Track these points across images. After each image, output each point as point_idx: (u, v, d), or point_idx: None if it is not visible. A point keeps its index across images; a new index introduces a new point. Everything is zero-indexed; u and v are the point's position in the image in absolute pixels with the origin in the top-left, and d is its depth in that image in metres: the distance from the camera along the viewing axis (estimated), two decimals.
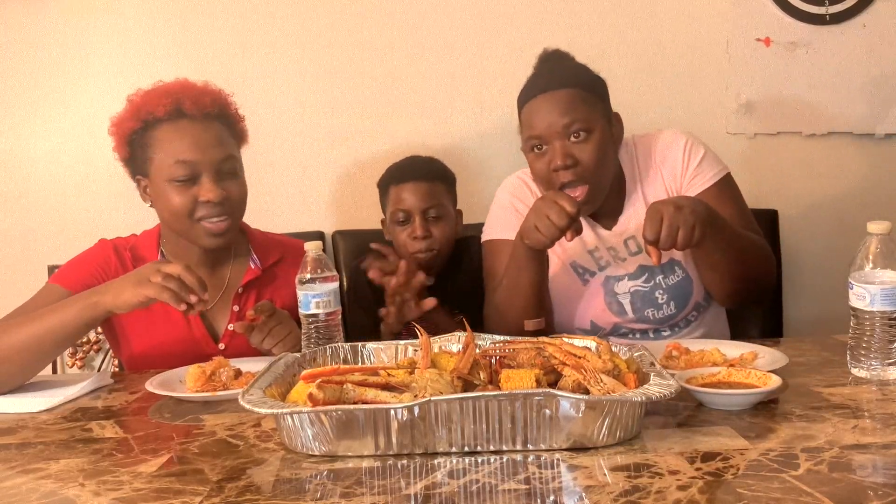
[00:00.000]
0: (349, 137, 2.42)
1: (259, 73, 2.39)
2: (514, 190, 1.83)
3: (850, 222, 2.37)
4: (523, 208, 1.74)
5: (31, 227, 2.43)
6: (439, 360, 1.18)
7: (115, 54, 2.39)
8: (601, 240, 1.76)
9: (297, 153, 2.43)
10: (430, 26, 2.40)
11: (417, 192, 1.95)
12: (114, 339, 1.76)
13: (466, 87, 2.41)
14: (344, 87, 2.41)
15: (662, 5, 2.40)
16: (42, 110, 2.41)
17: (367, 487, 0.96)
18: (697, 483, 0.91)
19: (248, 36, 2.39)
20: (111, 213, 2.36)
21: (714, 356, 1.41)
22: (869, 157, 2.44)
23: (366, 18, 2.40)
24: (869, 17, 2.38)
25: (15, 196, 2.43)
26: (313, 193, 2.44)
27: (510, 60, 2.38)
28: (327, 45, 2.40)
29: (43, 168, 2.42)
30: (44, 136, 2.42)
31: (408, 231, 1.94)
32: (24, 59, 2.39)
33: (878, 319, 1.28)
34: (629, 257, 1.74)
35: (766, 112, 2.41)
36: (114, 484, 1.02)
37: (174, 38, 2.39)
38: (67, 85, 2.40)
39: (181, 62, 2.36)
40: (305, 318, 1.47)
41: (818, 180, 2.45)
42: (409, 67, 2.41)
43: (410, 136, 2.38)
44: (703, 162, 1.73)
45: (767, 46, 2.39)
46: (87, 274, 1.67)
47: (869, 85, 2.40)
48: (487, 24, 2.40)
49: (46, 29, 2.39)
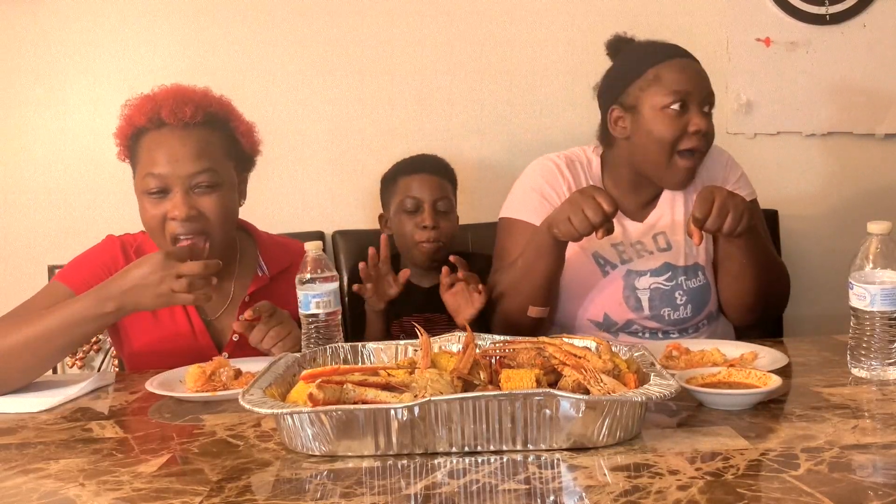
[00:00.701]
0: (349, 137, 2.43)
1: (259, 73, 2.40)
2: (545, 174, 1.79)
3: (850, 222, 2.37)
4: (551, 193, 1.75)
5: (32, 226, 2.43)
6: (439, 360, 1.18)
7: (117, 54, 2.39)
8: (627, 233, 1.76)
9: (298, 153, 2.43)
10: (431, 27, 2.40)
11: (429, 184, 1.95)
12: (116, 336, 1.75)
13: (466, 86, 2.41)
14: (344, 87, 2.41)
15: (662, 5, 2.40)
16: (44, 109, 2.41)
17: (367, 487, 0.96)
18: (697, 483, 0.91)
19: (247, 35, 2.39)
20: (112, 213, 2.36)
21: (714, 356, 1.41)
22: (869, 157, 2.44)
23: (366, 18, 2.40)
24: (869, 17, 2.38)
25: (15, 195, 2.43)
26: (313, 193, 2.44)
27: (511, 60, 2.39)
28: (328, 45, 2.40)
29: (44, 168, 2.42)
30: (45, 135, 2.41)
31: (416, 220, 1.93)
32: (26, 59, 2.39)
33: (878, 319, 1.28)
34: (656, 252, 1.75)
35: (766, 112, 2.41)
36: (114, 484, 1.02)
37: (175, 37, 2.39)
38: (69, 84, 2.40)
39: (182, 61, 2.37)
40: (305, 318, 1.47)
41: (818, 180, 2.45)
42: (410, 68, 2.41)
43: (410, 137, 2.38)
44: (741, 180, 1.81)
45: (767, 46, 2.39)
46: (92, 273, 1.63)
47: (869, 85, 2.40)
48: (487, 23, 2.40)
49: (48, 28, 2.39)
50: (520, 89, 2.41)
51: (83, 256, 1.71)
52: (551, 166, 1.79)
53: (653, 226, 1.77)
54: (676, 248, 1.75)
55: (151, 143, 1.60)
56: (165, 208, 1.57)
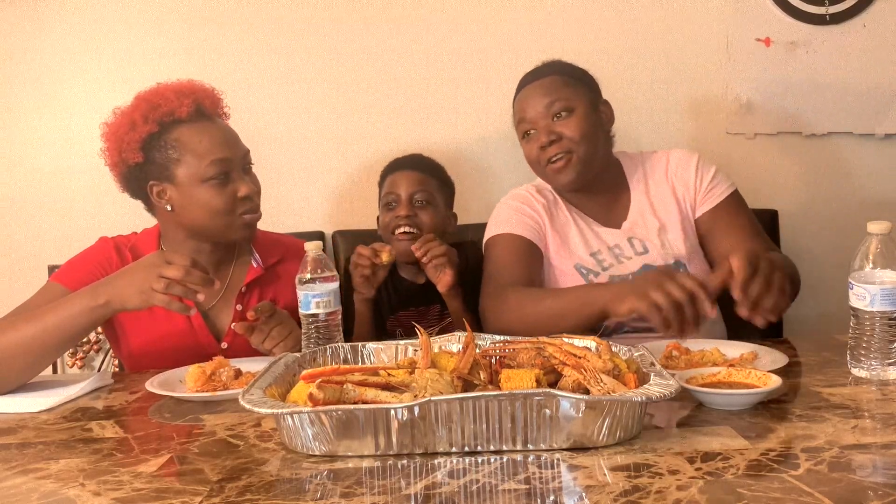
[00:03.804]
0: (350, 138, 2.42)
1: (261, 75, 2.39)
2: (518, 197, 1.88)
3: (850, 222, 2.37)
4: (530, 212, 1.83)
5: (32, 227, 2.43)
6: (439, 360, 1.18)
7: (119, 58, 2.39)
8: (603, 240, 1.81)
9: (298, 153, 2.43)
10: (433, 31, 2.40)
11: (407, 178, 1.96)
12: (113, 336, 1.76)
13: (469, 91, 2.41)
14: (346, 89, 2.41)
15: (662, 6, 2.40)
16: (45, 112, 2.41)
17: (367, 487, 0.96)
18: (697, 483, 0.91)
19: (251, 39, 2.39)
20: (111, 214, 2.35)
21: (714, 356, 1.41)
22: (869, 157, 2.44)
23: (368, 21, 2.40)
24: (869, 17, 2.38)
25: (15, 196, 2.43)
26: (314, 194, 2.44)
27: (512, 65, 2.37)
28: (330, 48, 2.40)
29: (44, 169, 2.42)
30: (46, 137, 2.41)
31: (393, 213, 1.94)
32: (27, 62, 2.39)
33: (878, 319, 1.28)
34: (634, 256, 1.78)
35: (766, 112, 2.41)
36: (114, 484, 1.02)
37: (178, 41, 2.39)
38: (70, 88, 2.40)
39: (185, 66, 2.35)
40: (305, 318, 1.47)
41: (818, 180, 2.45)
42: (412, 70, 2.40)
43: (412, 138, 2.38)
44: (716, 177, 1.83)
45: (767, 46, 2.39)
46: (88, 273, 1.66)
47: (869, 85, 2.40)
48: (490, 29, 2.40)
49: (50, 33, 2.39)
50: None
51: (78, 257, 1.74)
52: (524, 193, 1.88)
53: (629, 231, 1.81)
54: (653, 249, 1.78)
55: (199, 134, 1.65)
56: (231, 191, 1.65)
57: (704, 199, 1.82)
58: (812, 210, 2.45)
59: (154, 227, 1.78)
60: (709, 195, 1.82)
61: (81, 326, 1.48)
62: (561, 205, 1.86)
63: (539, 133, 1.76)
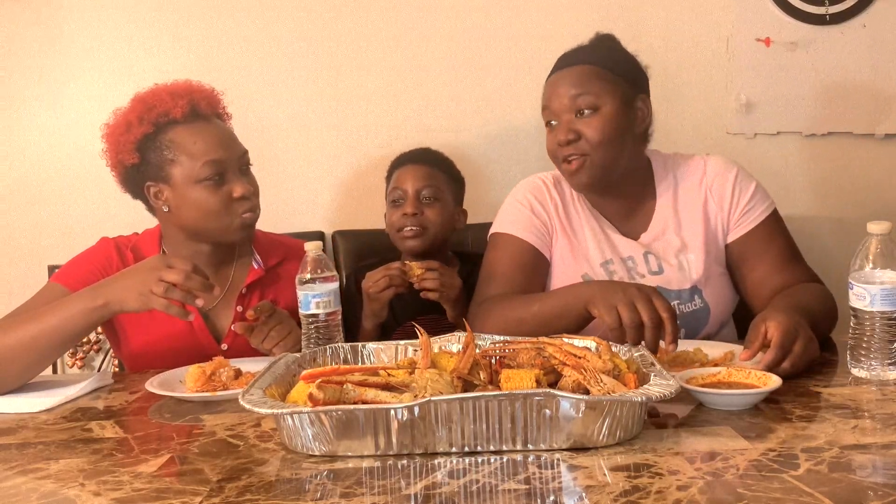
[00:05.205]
0: (351, 137, 2.42)
1: (261, 72, 2.39)
2: (534, 190, 1.77)
3: (850, 222, 2.37)
4: (539, 209, 1.74)
5: (32, 226, 2.42)
6: (439, 360, 1.18)
7: (120, 53, 2.38)
8: (617, 250, 1.71)
9: (298, 153, 2.42)
10: (436, 26, 2.39)
11: (414, 172, 1.94)
12: (113, 336, 1.76)
13: (472, 86, 2.40)
14: (347, 87, 2.41)
15: (663, 5, 2.40)
16: (45, 109, 2.40)
17: (367, 487, 0.96)
18: (697, 483, 0.91)
19: (250, 33, 2.39)
20: (112, 213, 2.35)
21: (699, 356, 1.40)
22: (869, 157, 2.44)
23: (370, 16, 2.39)
24: (869, 17, 2.38)
25: (16, 195, 2.43)
26: (314, 193, 2.44)
27: (516, 59, 2.38)
28: (331, 44, 2.40)
29: (45, 167, 2.42)
30: (46, 135, 2.41)
31: (400, 210, 1.93)
32: (27, 57, 2.39)
33: (878, 319, 1.28)
34: (647, 275, 1.67)
35: (766, 112, 2.41)
36: (114, 484, 1.02)
37: (177, 34, 2.38)
38: (71, 83, 2.40)
39: (184, 59, 2.36)
40: (305, 318, 1.47)
41: (818, 180, 2.45)
42: (414, 67, 2.40)
43: (414, 137, 2.38)
44: (754, 197, 1.70)
45: (767, 46, 2.39)
46: (88, 273, 1.66)
47: (869, 85, 2.40)
48: (493, 23, 2.39)
49: (50, 27, 2.38)
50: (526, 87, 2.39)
51: (79, 258, 1.73)
52: (539, 184, 1.78)
53: (647, 244, 1.71)
54: (669, 271, 1.67)
55: (194, 135, 1.64)
56: (226, 191, 1.65)
57: (739, 221, 1.69)
58: (812, 210, 2.45)
59: (155, 227, 1.78)
60: (744, 217, 1.68)
61: (80, 327, 1.48)
62: (578, 202, 1.75)
63: (560, 126, 1.64)
